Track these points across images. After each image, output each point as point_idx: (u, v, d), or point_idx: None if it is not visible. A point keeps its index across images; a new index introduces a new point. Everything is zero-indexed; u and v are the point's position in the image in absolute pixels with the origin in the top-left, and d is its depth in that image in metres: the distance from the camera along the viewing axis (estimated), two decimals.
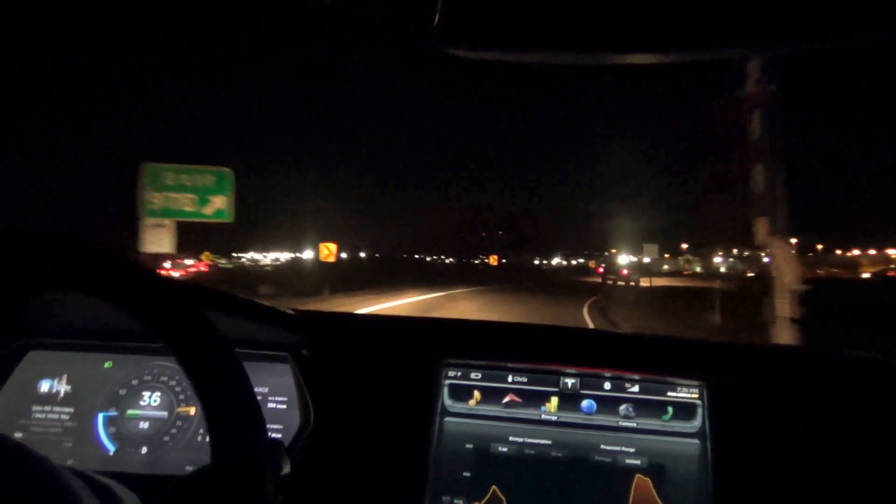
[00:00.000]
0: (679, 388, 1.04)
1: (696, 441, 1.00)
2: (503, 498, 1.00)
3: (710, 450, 0.98)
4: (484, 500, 1.00)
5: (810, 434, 0.96)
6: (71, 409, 1.11)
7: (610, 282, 29.43)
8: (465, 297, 18.62)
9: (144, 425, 1.10)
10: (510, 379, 1.08)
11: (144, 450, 1.08)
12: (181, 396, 1.12)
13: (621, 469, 1.00)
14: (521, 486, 1.00)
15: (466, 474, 1.02)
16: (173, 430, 1.10)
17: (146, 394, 1.13)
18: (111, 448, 1.09)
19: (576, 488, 0.99)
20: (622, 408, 1.04)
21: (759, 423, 0.98)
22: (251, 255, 71.65)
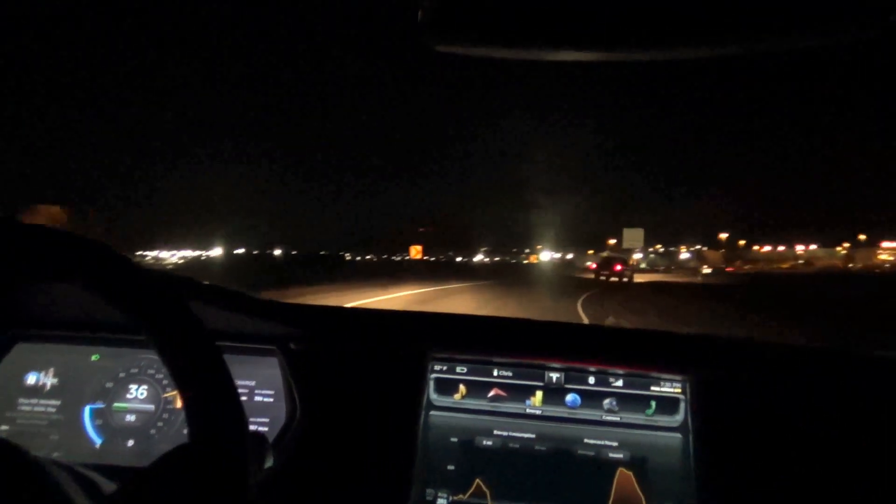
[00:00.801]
0: (662, 383, 1.05)
1: (679, 435, 1.01)
2: (487, 491, 1.01)
3: (692, 443, 1.00)
4: (468, 493, 1.01)
5: (791, 427, 0.98)
6: (58, 402, 1.11)
7: (603, 277, 29.10)
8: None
9: (131, 418, 1.10)
10: (495, 373, 1.09)
11: (131, 442, 1.08)
12: (168, 389, 1.12)
13: (604, 462, 1.01)
14: (505, 478, 1.01)
15: (451, 467, 1.03)
16: (160, 423, 1.10)
17: (133, 386, 1.13)
18: (98, 441, 1.09)
19: (559, 481, 1.01)
20: (606, 402, 1.05)
21: (740, 417, 0.99)
22: (157, 253, 66.91)
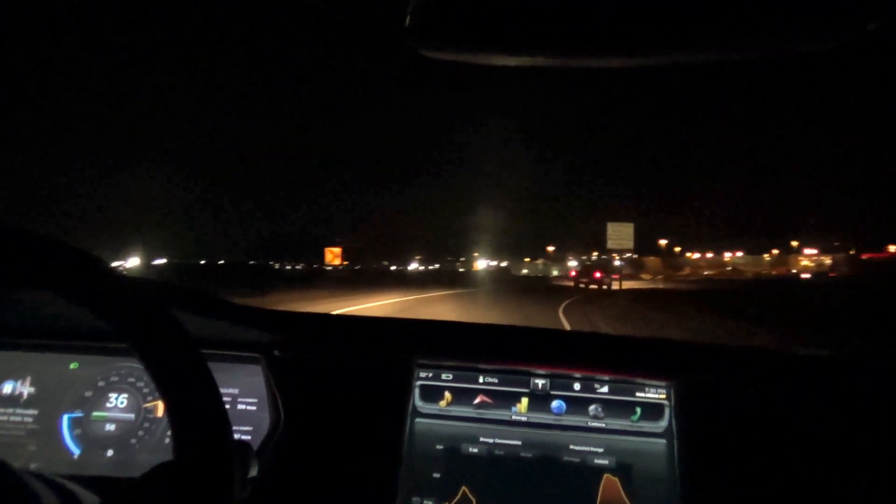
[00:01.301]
0: (647, 389, 1.05)
1: (664, 441, 1.02)
2: (473, 498, 1.00)
3: (676, 449, 1.00)
4: (454, 501, 1.00)
5: (776, 432, 0.99)
6: (35, 412, 1.09)
7: (582, 285, 28.56)
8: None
9: (111, 427, 1.08)
10: (481, 380, 1.09)
11: (111, 452, 1.06)
12: (149, 398, 1.11)
13: (590, 468, 1.01)
14: (491, 486, 1.01)
15: (437, 475, 1.02)
16: (140, 432, 1.08)
17: (113, 395, 1.11)
18: (76, 450, 1.07)
19: (545, 488, 1.00)
20: (591, 408, 1.05)
21: (724, 422, 1.00)
22: None
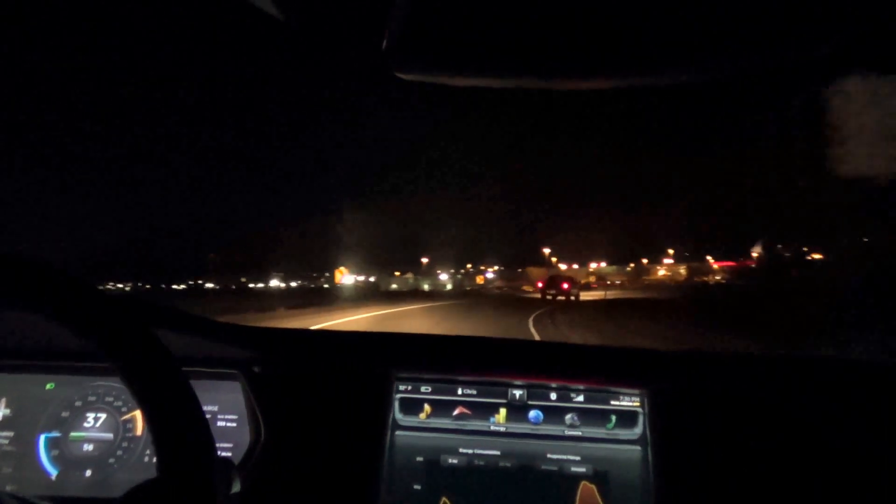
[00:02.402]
0: (621, 397, 1.07)
1: (638, 447, 1.04)
2: None
3: (651, 456, 1.02)
4: None
5: (748, 438, 1.01)
6: (10, 433, 1.08)
7: (549, 297, 26.67)
8: None
9: (89, 447, 1.08)
10: (460, 391, 1.10)
11: (89, 472, 1.05)
12: (127, 417, 1.10)
13: (567, 477, 1.03)
14: (471, 496, 1.02)
15: (417, 487, 1.03)
16: (119, 452, 1.07)
17: (90, 415, 1.10)
18: (53, 471, 1.05)
19: (524, 497, 1.02)
20: (568, 417, 1.07)
21: (697, 428, 1.02)
22: None
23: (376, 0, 0.54)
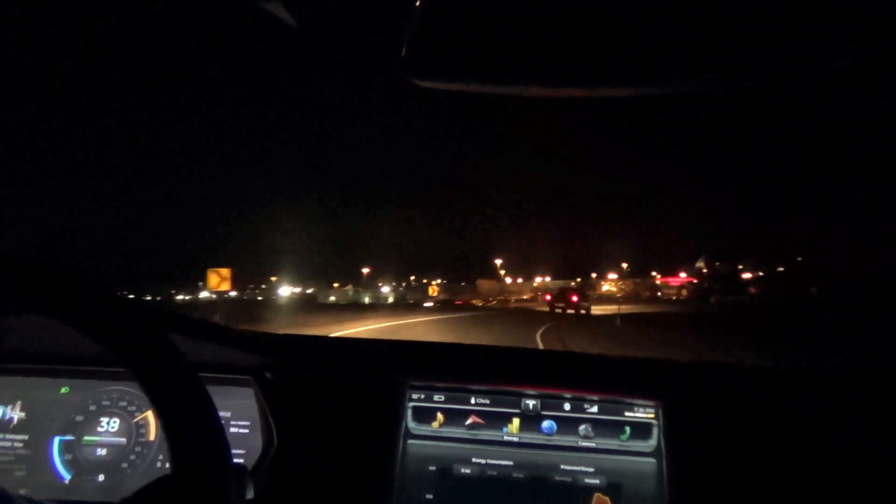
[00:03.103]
0: (636, 409, 1.06)
1: (653, 460, 1.03)
2: None
3: (665, 468, 1.01)
4: None
5: (763, 450, 0.99)
6: (25, 437, 1.08)
7: (558, 310, 26.57)
8: None
9: (102, 452, 1.08)
10: (473, 401, 1.09)
11: (101, 477, 1.06)
12: (140, 421, 1.10)
13: (581, 488, 1.02)
14: None
15: (429, 496, 1.03)
16: (132, 457, 1.08)
17: (104, 419, 1.10)
18: (66, 476, 1.06)
19: None
20: (581, 428, 1.06)
21: (713, 441, 1.01)
22: None
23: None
